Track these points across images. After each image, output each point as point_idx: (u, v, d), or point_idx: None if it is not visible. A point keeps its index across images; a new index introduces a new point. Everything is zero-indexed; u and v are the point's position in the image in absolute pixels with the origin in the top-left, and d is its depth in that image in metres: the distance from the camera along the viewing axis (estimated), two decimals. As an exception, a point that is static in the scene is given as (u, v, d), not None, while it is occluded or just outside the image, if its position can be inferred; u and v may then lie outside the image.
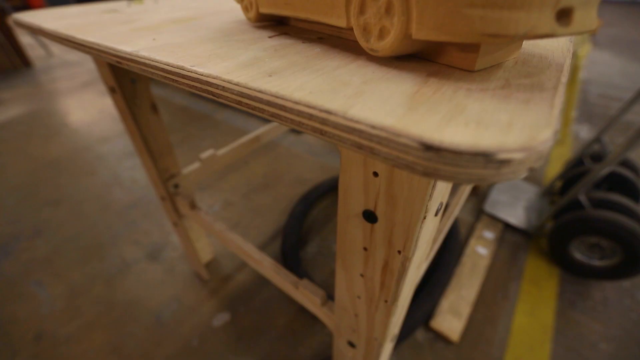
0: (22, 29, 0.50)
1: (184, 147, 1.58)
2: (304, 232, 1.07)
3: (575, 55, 1.39)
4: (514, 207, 1.17)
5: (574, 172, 1.14)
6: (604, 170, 0.86)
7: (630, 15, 4.93)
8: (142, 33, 0.33)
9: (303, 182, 1.31)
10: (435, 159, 0.12)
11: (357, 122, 0.13)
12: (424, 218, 0.25)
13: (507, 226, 1.10)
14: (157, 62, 0.23)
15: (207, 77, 0.19)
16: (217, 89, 0.18)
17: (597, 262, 0.91)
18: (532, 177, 1.35)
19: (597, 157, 1.17)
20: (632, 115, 1.82)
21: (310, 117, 0.14)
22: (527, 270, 0.95)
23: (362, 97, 0.15)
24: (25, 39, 3.97)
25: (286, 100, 0.15)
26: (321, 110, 0.14)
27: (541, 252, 1.00)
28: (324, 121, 0.14)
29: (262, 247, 1.02)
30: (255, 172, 1.38)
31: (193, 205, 0.69)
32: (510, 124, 0.13)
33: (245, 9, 0.31)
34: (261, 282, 0.92)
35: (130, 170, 1.42)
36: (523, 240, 1.05)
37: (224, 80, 0.18)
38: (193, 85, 0.20)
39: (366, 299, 0.36)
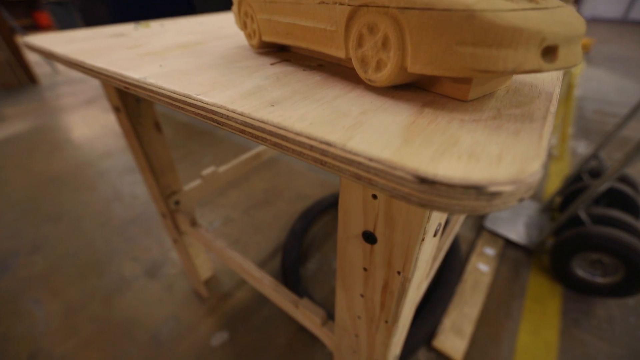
0: (34, 52, 0.52)
1: (185, 163, 1.59)
2: (304, 249, 1.06)
3: (569, 73, 1.42)
4: (515, 223, 1.16)
5: (573, 188, 1.14)
6: (602, 186, 0.87)
7: (623, 33, 5.06)
8: (149, 58, 0.34)
9: (303, 198, 1.32)
10: (429, 192, 0.12)
11: (355, 154, 0.14)
12: (423, 239, 0.26)
13: (508, 242, 1.10)
14: (164, 89, 0.24)
15: (212, 106, 0.20)
16: (221, 117, 0.19)
17: (599, 279, 0.90)
18: (533, 193, 1.35)
19: (595, 173, 1.18)
20: (628, 130, 1.85)
21: (311, 148, 0.15)
22: (530, 288, 0.94)
23: (361, 128, 0.16)
24: (32, 57, 4.07)
25: (288, 131, 0.16)
26: (321, 142, 0.15)
27: (543, 268, 1.00)
28: (324, 152, 0.15)
29: (262, 264, 1.01)
30: (256, 188, 1.39)
31: (193, 223, 0.69)
32: (500, 157, 0.13)
33: (249, 36, 0.32)
34: (261, 300, 0.91)
35: (131, 185, 1.43)
36: (524, 257, 1.04)
37: (228, 110, 0.19)
38: (198, 113, 0.21)
39: (367, 319, 0.35)
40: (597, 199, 1.08)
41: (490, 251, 1.05)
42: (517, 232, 1.12)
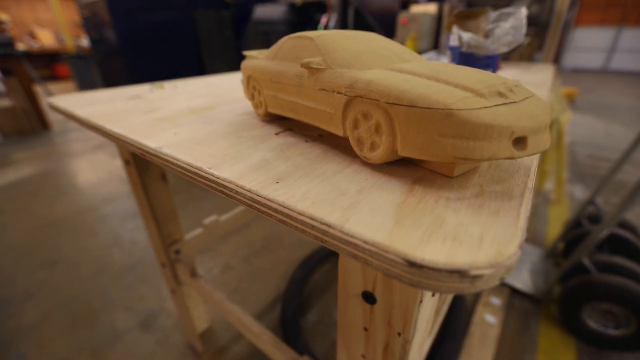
0: (57, 113, 0.56)
1: (187, 208, 1.61)
2: (304, 299, 1.03)
3: (557, 122, 1.50)
4: (519, 270, 1.14)
5: (574, 234, 1.14)
6: (602, 232, 0.87)
7: (604, 82, 5.38)
8: (164, 124, 0.37)
9: (304, 245, 1.31)
10: (418, 274, 0.14)
11: (352, 236, 0.15)
12: (421, 301, 0.26)
13: (514, 291, 1.07)
14: (179, 160, 0.26)
15: (223, 180, 0.22)
16: (231, 192, 0.21)
17: (612, 331, 0.86)
18: (534, 238, 1.35)
19: (594, 219, 1.19)
20: (622, 174, 1.89)
21: (312, 227, 0.17)
22: (541, 341, 0.89)
23: (357, 208, 0.18)
24: (46, 101, 4.29)
25: (291, 210, 0.18)
26: (322, 223, 0.16)
27: (553, 319, 0.96)
28: (324, 232, 0.16)
29: (261, 315, 0.98)
30: (256, 234, 1.39)
31: (193, 273, 0.68)
32: (481, 239, 0.15)
33: (256, 107, 0.36)
34: (258, 354, 0.86)
35: (131, 231, 1.43)
36: (532, 307, 1.01)
37: (237, 185, 0.21)
38: (210, 185, 0.23)
39: (369, 383, 0.34)
40: (600, 245, 1.08)
41: (496, 301, 1.02)
42: (522, 280, 1.10)
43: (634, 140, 0.96)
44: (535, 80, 0.68)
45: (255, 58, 0.35)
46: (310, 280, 1.11)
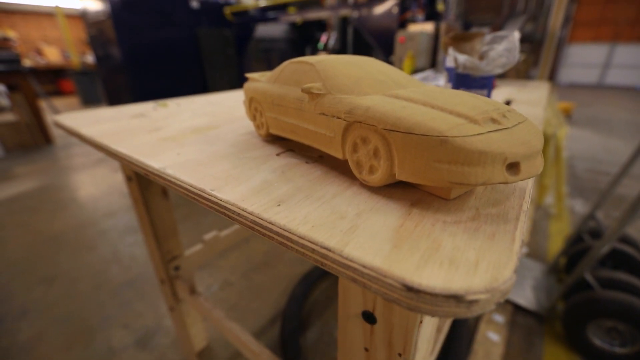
0: (62, 130, 0.57)
1: (187, 222, 1.61)
2: (304, 316, 1.02)
3: (555, 137, 1.51)
4: (522, 286, 1.13)
5: (575, 249, 1.14)
6: (604, 248, 0.87)
7: (600, 97, 5.46)
8: (168, 144, 0.38)
9: (304, 261, 1.29)
10: (415, 299, 0.14)
11: (351, 260, 0.16)
12: (421, 322, 0.26)
13: (517, 307, 1.05)
14: (182, 182, 0.27)
15: (226, 203, 0.22)
16: (233, 214, 0.22)
17: (619, 350, 0.85)
18: (536, 253, 1.34)
19: (595, 233, 1.18)
20: (622, 188, 1.89)
21: (313, 251, 0.17)
22: (546, 359, 0.88)
23: (356, 232, 0.18)
24: (51, 118, 4.34)
25: (292, 234, 0.18)
26: (322, 247, 0.17)
27: (557, 337, 0.94)
28: (324, 256, 0.17)
29: (261, 333, 0.96)
30: (256, 250, 1.38)
31: (192, 290, 0.68)
32: (477, 263, 0.15)
33: (258, 127, 0.37)
34: (257, 374, 0.85)
35: (130, 246, 1.42)
36: (536, 324, 0.99)
37: (239, 208, 0.21)
38: (212, 207, 0.23)
39: (370, 406, 0.34)
40: (602, 261, 1.07)
41: (499, 318, 1.00)
42: (525, 296, 1.09)
43: (632, 154, 0.97)
44: (530, 99, 0.69)
45: (257, 81, 0.36)
46: (311, 296, 1.10)
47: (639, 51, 6.46)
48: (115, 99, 2.59)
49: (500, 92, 0.79)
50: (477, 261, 0.16)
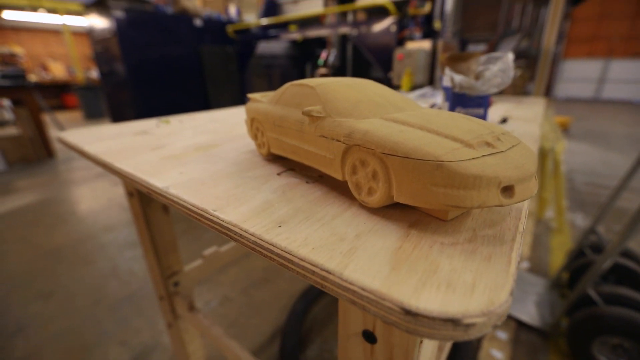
0: (67, 147, 0.58)
1: (187, 237, 1.60)
2: (304, 332, 1.00)
3: (553, 151, 1.52)
4: (525, 302, 1.12)
5: (578, 264, 1.13)
6: (606, 263, 0.86)
7: (597, 111, 5.52)
8: (170, 163, 0.39)
9: (304, 273, 1.29)
10: (413, 322, 0.14)
11: (350, 283, 0.16)
12: (421, 342, 0.26)
13: (521, 324, 1.04)
14: (185, 201, 0.27)
15: (228, 223, 0.23)
16: (235, 235, 0.22)
17: (625, 369, 0.83)
18: (538, 268, 1.33)
19: (597, 248, 1.18)
20: (622, 201, 1.89)
21: (313, 273, 0.18)
22: (551, 379, 0.86)
23: (355, 254, 0.18)
24: (54, 132, 4.38)
25: (293, 256, 0.19)
26: (322, 269, 0.17)
27: (563, 354, 0.93)
28: (324, 278, 0.17)
29: (260, 350, 0.95)
30: (256, 265, 1.37)
31: (191, 307, 0.67)
32: (474, 286, 0.16)
33: (259, 146, 0.38)
34: (256, 394, 0.83)
35: (129, 261, 1.42)
36: (540, 341, 0.97)
37: (241, 229, 0.22)
38: (215, 227, 0.24)
39: None
40: (604, 276, 1.06)
41: (502, 335, 0.99)
42: (528, 312, 1.07)
43: (631, 167, 0.98)
44: (527, 116, 0.70)
45: (259, 101, 0.37)
46: (311, 313, 1.08)
47: (633, 66, 6.58)
48: (118, 113, 2.62)
49: (497, 109, 0.80)
50: (474, 284, 0.16)
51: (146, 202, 0.64)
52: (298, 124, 0.29)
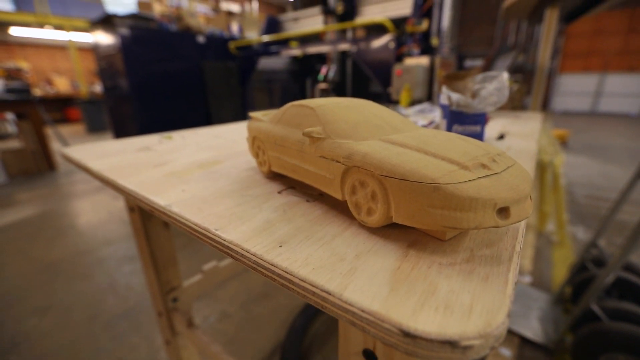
0: (70, 163, 0.58)
1: (186, 251, 1.59)
2: (304, 349, 0.98)
3: (552, 165, 1.53)
4: (528, 318, 1.10)
5: (580, 278, 1.12)
6: (609, 277, 0.86)
7: (595, 124, 5.58)
8: (173, 180, 0.39)
9: (304, 288, 1.27)
10: (412, 344, 0.15)
11: (350, 304, 0.16)
12: (422, 362, 0.26)
13: (524, 340, 1.02)
14: (187, 220, 0.28)
15: (229, 243, 0.23)
16: (236, 254, 0.22)
17: (632, 387, 0.81)
18: (540, 282, 1.32)
19: (599, 262, 1.17)
20: (622, 214, 1.89)
21: (314, 294, 0.18)
22: (556, 398, 0.84)
23: (355, 274, 0.19)
24: (55, 145, 4.41)
25: (294, 276, 0.19)
26: (322, 290, 0.18)
27: (567, 373, 0.91)
28: (324, 299, 0.17)
29: (258, 368, 0.93)
30: (255, 280, 1.36)
31: (190, 323, 0.67)
32: (471, 307, 0.16)
33: (260, 164, 0.38)
34: (254, 414, 0.81)
35: (127, 275, 1.40)
36: (544, 357, 0.96)
37: (242, 249, 0.22)
38: (216, 247, 0.24)
39: None
40: (607, 290, 1.05)
41: (506, 352, 0.97)
42: (532, 328, 1.06)
43: (630, 180, 0.98)
44: (524, 131, 0.71)
45: (260, 120, 0.38)
46: (311, 329, 1.06)
47: (628, 80, 6.69)
48: (120, 127, 2.65)
49: (495, 125, 0.81)
50: (472, 305, 0.16)
51: (147, 217, 0.65)
52: (299, 144, 0.30)
